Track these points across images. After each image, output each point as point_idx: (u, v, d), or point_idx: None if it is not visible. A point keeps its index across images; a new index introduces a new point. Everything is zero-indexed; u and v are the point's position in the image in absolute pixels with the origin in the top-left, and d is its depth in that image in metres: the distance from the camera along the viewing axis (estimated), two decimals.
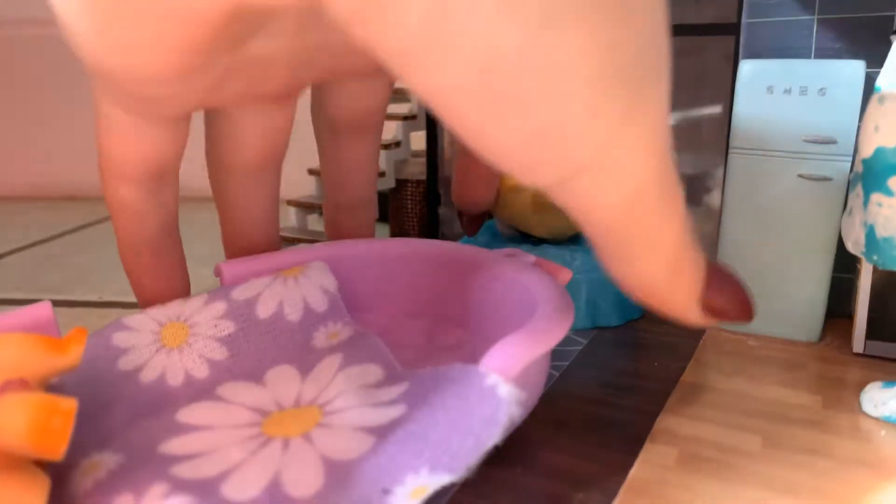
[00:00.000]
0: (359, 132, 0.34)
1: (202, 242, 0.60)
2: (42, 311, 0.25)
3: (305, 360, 0.33)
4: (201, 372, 0.31)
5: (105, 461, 0.25)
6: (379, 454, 0.24)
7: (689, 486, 0.30)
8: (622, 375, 0.42)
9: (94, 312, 0.65)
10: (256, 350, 0.33)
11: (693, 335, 0.48)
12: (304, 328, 0.35)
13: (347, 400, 0.29)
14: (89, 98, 0.29)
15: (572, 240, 0.60)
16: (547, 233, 0.57)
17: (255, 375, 0.33)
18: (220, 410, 0.30)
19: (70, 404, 0.19)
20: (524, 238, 0.60)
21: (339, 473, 0.24)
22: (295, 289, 0.35)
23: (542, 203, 0.55)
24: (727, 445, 0.34)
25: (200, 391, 0.31)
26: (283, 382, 0.32)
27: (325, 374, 0.32)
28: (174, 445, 0.27)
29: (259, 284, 0.34)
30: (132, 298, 0.34)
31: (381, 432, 0.26)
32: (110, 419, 0.28)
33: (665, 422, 0.36)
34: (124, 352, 0.31)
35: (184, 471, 0.25)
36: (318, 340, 0.34)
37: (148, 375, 0.31)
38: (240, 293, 0.34)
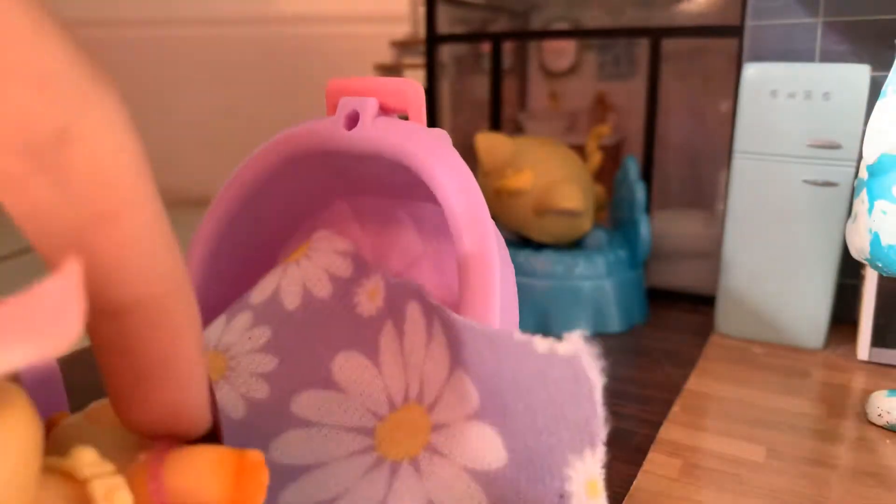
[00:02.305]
0: None
1: None
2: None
3: (361, 337, 0.30)
4: (260, 392, 0.28)
5: None
6: (521, 458, 0.22)
7: (693, 498, 0.30)
8: (625, 383, 0.42)
9: None
10: (305, 345, 0.30)
11: (697, 342, 0.48)
12: (340, 299, 0.31)
13: (435, 384, 0.26)
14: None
15: (573, 245, 0.59)
16: (548, 238, 0.57)
17: (322, 377, 0.29)
18: (319, 439, 0.26)
19: (258, 456, 0.17)
20: (525, 243, 0.60)
21: (495, 488, 0.22)
22: (311, 266, 0.32)
23: (543, 208, 0.55)
24: (731, 456, 0.33)
25: (275, 416, 0.28)
26: (361, 382, 0.29)
27: (393, 357, 0.28)
28: (296, 493, 0.25)
29: (273, 279, 0.31)
30: None
31: (494, 417, 0.23)
32: None
33: (668, 432, 0.36)
34: None
35: None
36: (362, 306, 0.31)
37: None
38: (257, 296, 0.31)
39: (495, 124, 0.78)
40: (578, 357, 0.20)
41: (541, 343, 0.21)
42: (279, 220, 0.34)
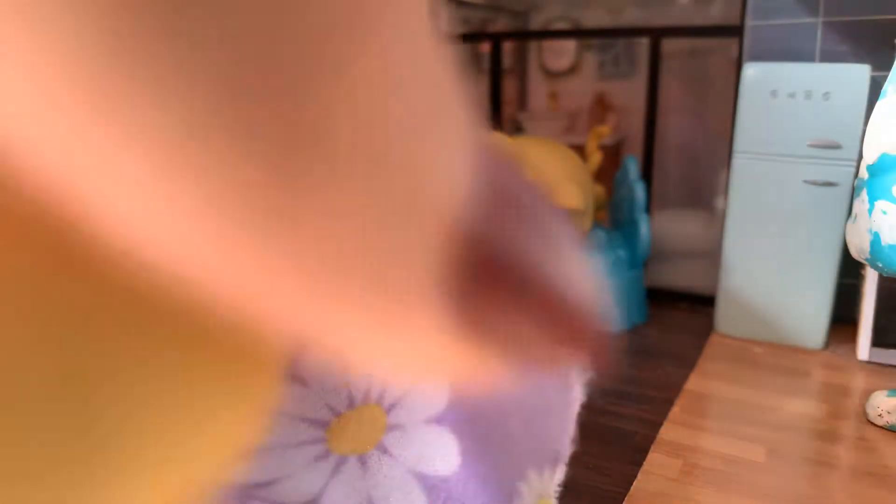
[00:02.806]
0: None
1: None
2: None
3: None
4: None
5: None
6: (473, 465, 0.22)
7: (694, 498, 0.30)
8: (625, 383, 0.42)
9: None
10: None
11: (697, 342, 0.48)
12: None
13: (401, 385, 0.26)
14: None
15: None
16: None
17: (286, 371, 0.31)
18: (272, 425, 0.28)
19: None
20: None
21: (438, 492, 0.23)
22: None
23: None
24: (732, 456, 0.33)
25: None
26: (325, 377, 0.30)
27: None
28: (235, 471, 0.26)
29: None
30: None
31: (458, 422, 0.24)
32: None
33: (668, 431, 0.36)
34: None
35: (267, 500, 0.24)
36: None
37: None
38: None
39: (495, 124, 0.78)
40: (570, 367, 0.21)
41: None
42: None
